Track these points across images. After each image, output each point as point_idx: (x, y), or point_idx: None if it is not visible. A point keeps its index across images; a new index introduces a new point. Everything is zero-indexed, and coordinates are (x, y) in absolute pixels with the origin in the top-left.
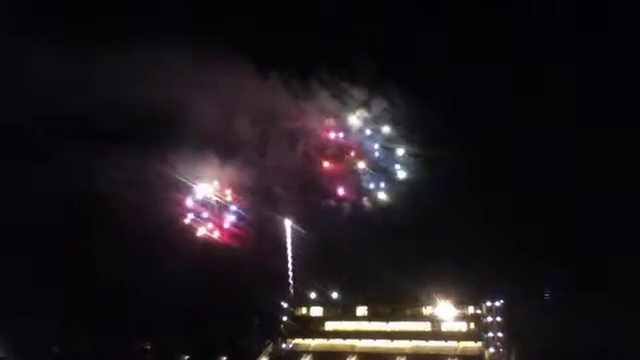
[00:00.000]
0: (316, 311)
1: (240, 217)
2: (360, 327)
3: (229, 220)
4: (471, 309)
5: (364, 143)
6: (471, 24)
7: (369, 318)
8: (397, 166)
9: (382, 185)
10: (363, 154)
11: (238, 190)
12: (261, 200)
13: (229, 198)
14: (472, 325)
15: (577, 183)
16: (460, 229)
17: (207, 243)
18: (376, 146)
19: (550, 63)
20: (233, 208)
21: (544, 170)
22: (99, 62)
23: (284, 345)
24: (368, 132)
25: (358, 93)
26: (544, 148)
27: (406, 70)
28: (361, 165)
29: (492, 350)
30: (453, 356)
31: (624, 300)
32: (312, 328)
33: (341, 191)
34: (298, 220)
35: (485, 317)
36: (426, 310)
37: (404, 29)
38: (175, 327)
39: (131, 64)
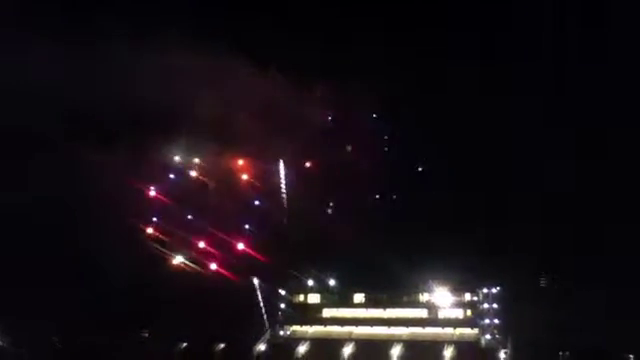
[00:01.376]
0: (313, 298)
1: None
2: (357, 314)
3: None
4: (468, 296)
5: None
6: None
7: (366, 305)
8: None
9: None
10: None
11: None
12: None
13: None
14: (469, 312)
15: (577, 177)
16: (457, 216)
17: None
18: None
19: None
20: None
21: (544, 162)
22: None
23: (282, 332)
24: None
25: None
26: (545, 143)
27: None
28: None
29: (488, 337)
30: (450, 342)
31: (622, 288)
32: (309, 315)
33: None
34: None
35: (481, 304)
36: (423, 297)
37: None
38: (172, 316)
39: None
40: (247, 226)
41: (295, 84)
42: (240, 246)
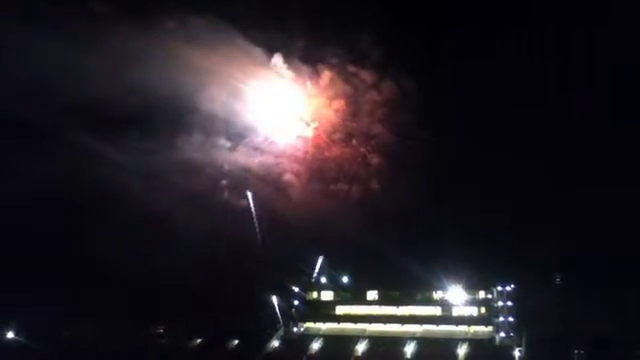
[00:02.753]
0: (327, 295)
1: None
2: (371, 311)
3: None
4: (482, 293)
5: None
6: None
7: (380, 302)
8: None
9: None
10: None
11: None
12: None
13: None
14: (483, 309)
15: (589, 174)
16: (472, 214)
17: None
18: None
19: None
20: None
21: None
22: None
23: (295, 329)
24: None
25: None
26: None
27: None
28: None
29: (503, 334)
30: (464, 340)
31: (635, 284)
32: (323, 312)
33: None
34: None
35: (496, 301)
36: (437, 294)
37: None
38: (188, 312)
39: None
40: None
41: None
42: None
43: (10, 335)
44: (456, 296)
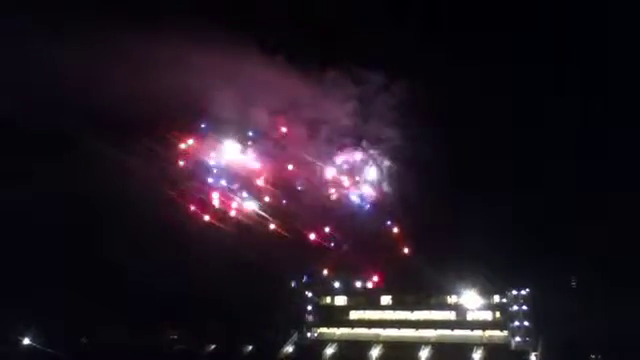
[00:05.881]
0: (340, 300)
1: None
2: (385, 316)
3: None
4: (497, 298)
5: None
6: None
7: (394, 307)
8: None
9: None
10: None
11: None
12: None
13: None
14: (498, 314)
15: (605, 175)
16: (485, 217)
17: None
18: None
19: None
20: None
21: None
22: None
23: (309, 334)
24: None
25: None
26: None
27: None
28: None
29: (518, 339)
30: (479, 345)
31: None
32: (337, 317)
33: None
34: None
35: (511, 306)
36: (451, 299)
37: None
38: (202, 317)
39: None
40: None
41: None
42: None
43: (27, 341)
44: (471, 301)
